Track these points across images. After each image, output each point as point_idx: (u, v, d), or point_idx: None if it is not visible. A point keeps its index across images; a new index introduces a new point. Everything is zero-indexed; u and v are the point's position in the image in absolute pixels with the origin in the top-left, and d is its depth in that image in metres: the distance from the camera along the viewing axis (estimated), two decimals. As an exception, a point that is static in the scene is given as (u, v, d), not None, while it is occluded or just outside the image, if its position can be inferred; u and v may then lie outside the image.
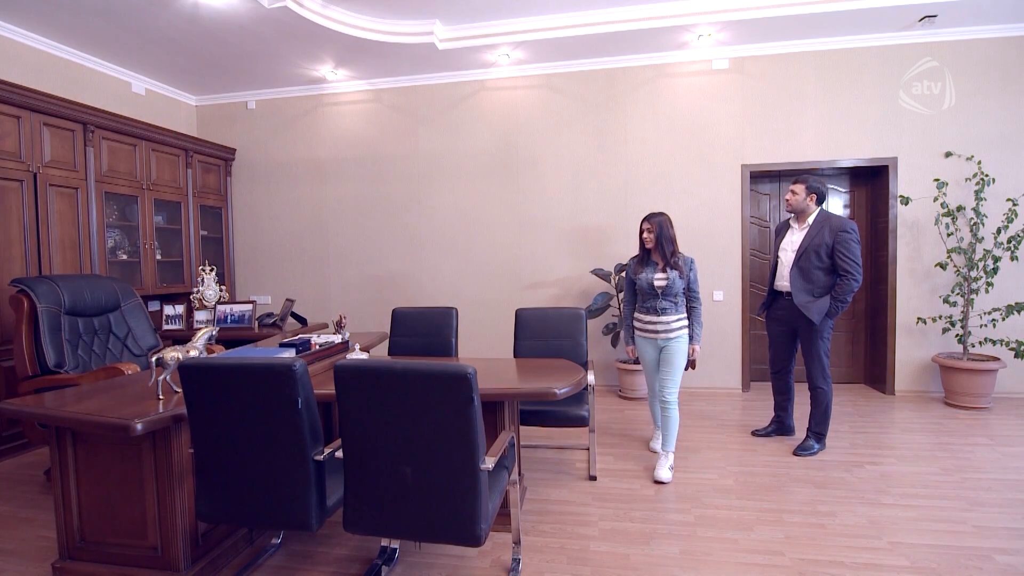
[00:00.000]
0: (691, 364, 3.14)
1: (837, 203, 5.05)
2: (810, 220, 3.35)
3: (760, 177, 5.02)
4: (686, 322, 3.10)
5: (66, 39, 4.26)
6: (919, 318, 4.54)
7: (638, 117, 4.95)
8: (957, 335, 4.37)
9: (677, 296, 3.04)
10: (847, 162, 4.68)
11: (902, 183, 4.58)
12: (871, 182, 4.92)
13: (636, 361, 4.50)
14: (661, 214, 3.07)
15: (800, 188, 3.35)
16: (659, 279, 3.03)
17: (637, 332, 3.22)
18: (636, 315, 3.21)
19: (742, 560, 2.23)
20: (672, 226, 3.07)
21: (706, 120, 4.85)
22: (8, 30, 3.98)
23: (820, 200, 3.35)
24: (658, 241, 3.04)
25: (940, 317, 4.47)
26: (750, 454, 3.40)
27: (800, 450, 3.38)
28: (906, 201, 4.44)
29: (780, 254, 3.47)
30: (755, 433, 3.73)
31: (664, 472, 3.01)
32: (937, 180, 4.39)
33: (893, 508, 2.65)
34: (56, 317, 3.13)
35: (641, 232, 3.12)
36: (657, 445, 3.39)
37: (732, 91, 4.80)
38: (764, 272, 5.18)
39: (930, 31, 4.42)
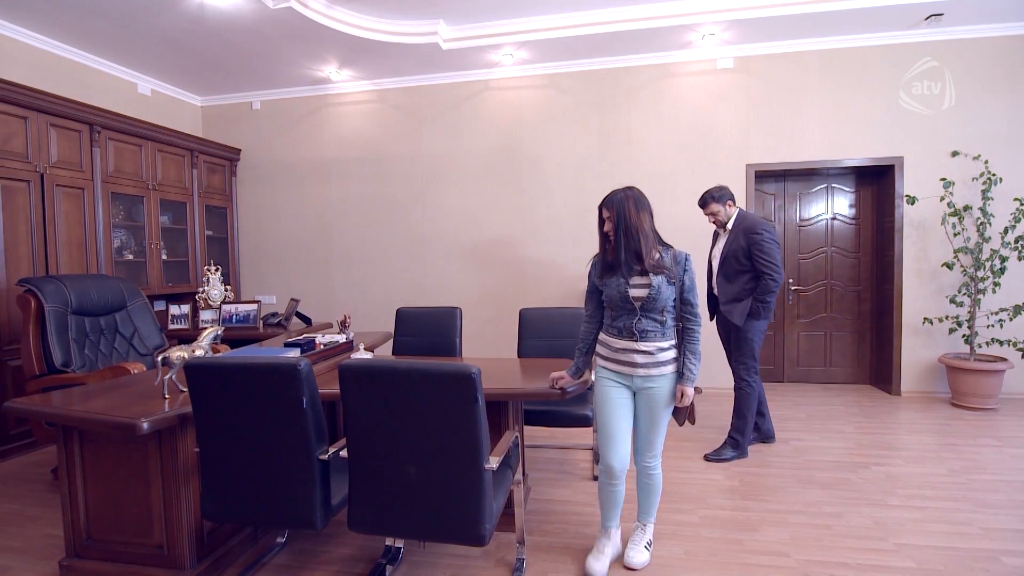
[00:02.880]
0: (689, 416, 2.15)
1: (843, 202, 5.03)
2: (729, 226, 3.36)
3: (765, 177, 5.01)
4: (675, 351, 2.09)
5: (72, 40, 4.29)
6: (925, 318, 4.52)
7: (642, 117, 4.94)
8: (964, 335, 4.34)
9: (664, 312, 2.04)
10: (853, 161, 4.66)
11: (908, 182, 4.55)
12: (877, 182, 4.90)
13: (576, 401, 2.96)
14: (626, 191, 2.07)
15: (715, 206, 3.33)
16: (637, 288, 2.02)
17: (602, 366, 2.17)
18: (602, 339, 2.18)
19: (747, 561, 2.22)
20: (645, 207, 2.06)
21: (710, 120, 4.83)
22: (15, 31, 4.01)
23: (733, 199, 3.36)
24: (621, 233, 2.03)
25: (947, 317, 4.44)
26: (755, 455, 3.39)
27: (713, 455, 3.31)
28: (912, 201, 4.42)
29: (711, 262, 3.52)
30: None
31: (639, 554, 2.19)
32: (944, 179, 4.36)
33: (899, 509, 2.64)
34: (63, 317, 3.15)
35: (601, 223, 2.14)
36: (602, 564, 2.14)
37: (736, 91, 4.78)
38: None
39: (936, 30, 4.40)
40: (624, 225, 2.02)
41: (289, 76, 5.22)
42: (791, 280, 5.13)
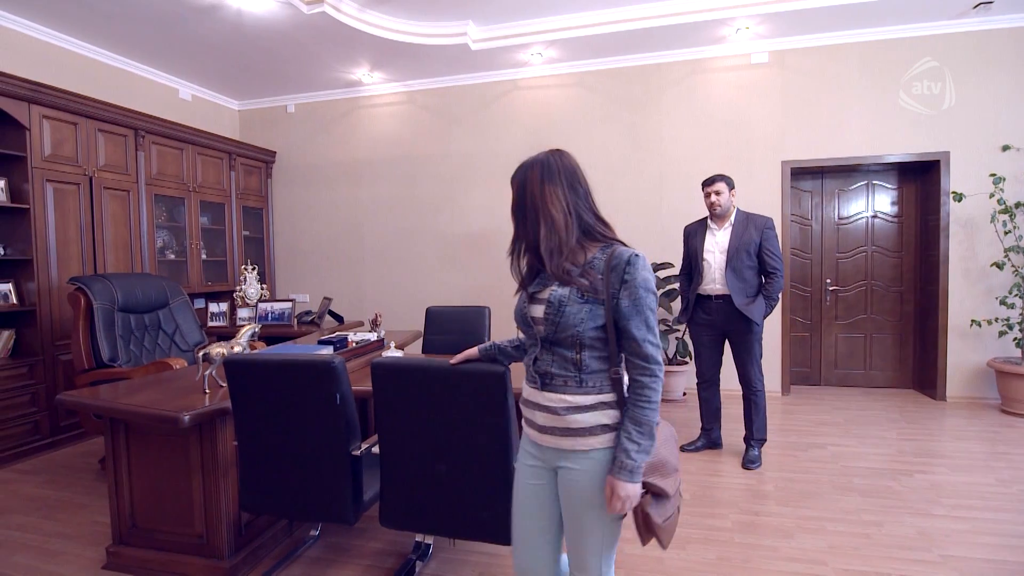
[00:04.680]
0: (646, 530, 1.30)
1: (884, 200, 4.85)
2: (731, 219, 3.22)
3: (801, 174, 4.87)
4: (610, 414, 1.25)
5: (119, 48, 4.47)
6: (973, 320, 4.32)
7: (673, 114, 4.87)
8: (1015, 339, 4.13)
9: (581, 347, 1.26)
10: (895, 157, 4.48)
11: (955, 178, 4.36)
12: (921, 178, 4.71)
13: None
14: (537, 157, 1.31)
15: (723, 186, 3.18)
16: (537, 303, 1.32)
17: (524, 424, 1.41)
18: (525, 385, 1.40)
19: (781, 568, 2.17)
20: (561, 178, 1.28)
21: (744, 116, 4.73)
22: (67, 41, 4.20)
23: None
24: (520, 219, 1.32)
25: (996, 319, 4.24)
26: (790, 459, 3.30)
27: (749, 462, 3.18)
28: (959, 198, 4.23)
29: (707, 256, 3.25)
30: (683, 449, 3.42)
31: None
32: (993, 175, 4.16)
33: (944, 519, 2.53)
34: (110, 314, 3.28)
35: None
36: None
37: (772, 85, 4.66)
38: (805, 272, 5.02)
39: (985, 18, 4.20)
40: (523, 206, 1.29)
41: (322, 79, 5.33)
42: (828, 280, 4.97)
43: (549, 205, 1.26)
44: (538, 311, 1.30)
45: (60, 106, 3.74)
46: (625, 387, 1.26)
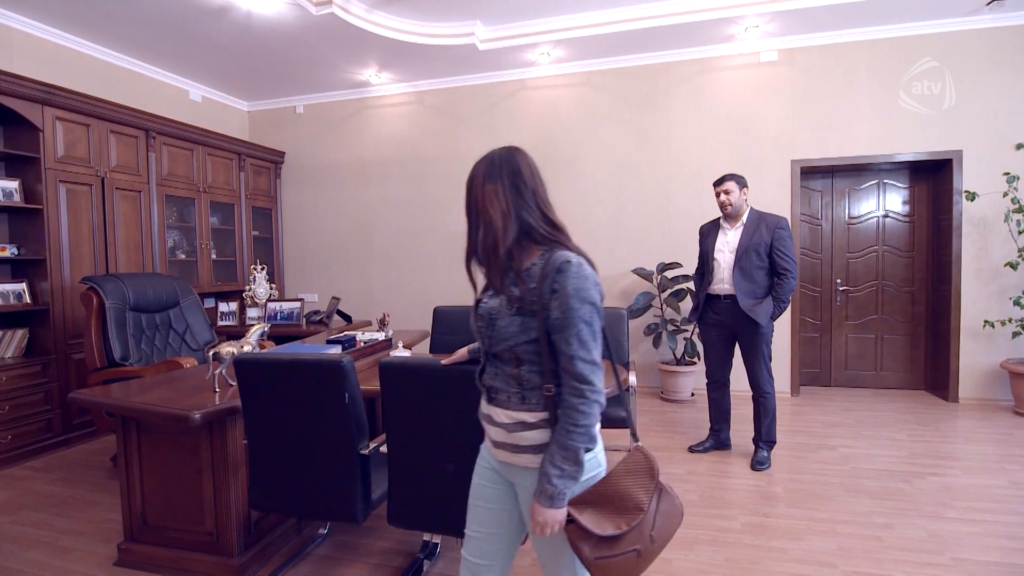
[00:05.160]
0: (578, 555, 1.16)
1: (896, 199, 4.81)
2: (744, 218, 3.18)
3: (811, 173, 4.83)
4: (551, 432, 1.17)
5: (130, 50, 4.52)
6: (986, 321, 4.27)
7: (681, 113, 4.85)
8: (1029, 340, 4.08)
9: (519, 360, 1.19)
10: (906, 156, 4.44)
11: (967, 177, 4.31)
12: (933, 177, 4.66)
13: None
14: (487, 155, 1.26)
15: (733, 185, 3.15)
16: (481, 313, 1.26)
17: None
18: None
19: (791, 570, 2.15)
20: (502, 176, 1.20)
21: (753, 114, 4.70)
22: (80, 44, 4.25)
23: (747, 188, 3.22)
24: (469, 219, 1.25)
25: (1010, 320, 4.18)
26: (799, 460, 3.27)
27: (758, 464, 3.15)
28: (972, 197, 4.18)
29: (717, 255, 3.23)
30: (692, 449, 3.44)
31: None
32: (1007, 174, 4.11)
33: (957, 522, 2.50)
34: (122, 313, 3.32)
35: None
36: None
37: (781, 84, 4.63)
38: (816, 272, 4.98)
39: (998, 16, 4.15)
40: (468, 206, 1.24)
41: (331, 80, 5.36)
42: (839, 280, 4.93)
43: (488, 205, 1.18)
44: (484, 318, 1.23)
45: (73, 108, 3.78)
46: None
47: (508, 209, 1.17)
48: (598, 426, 1.17)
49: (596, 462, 1.23)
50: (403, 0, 4.05)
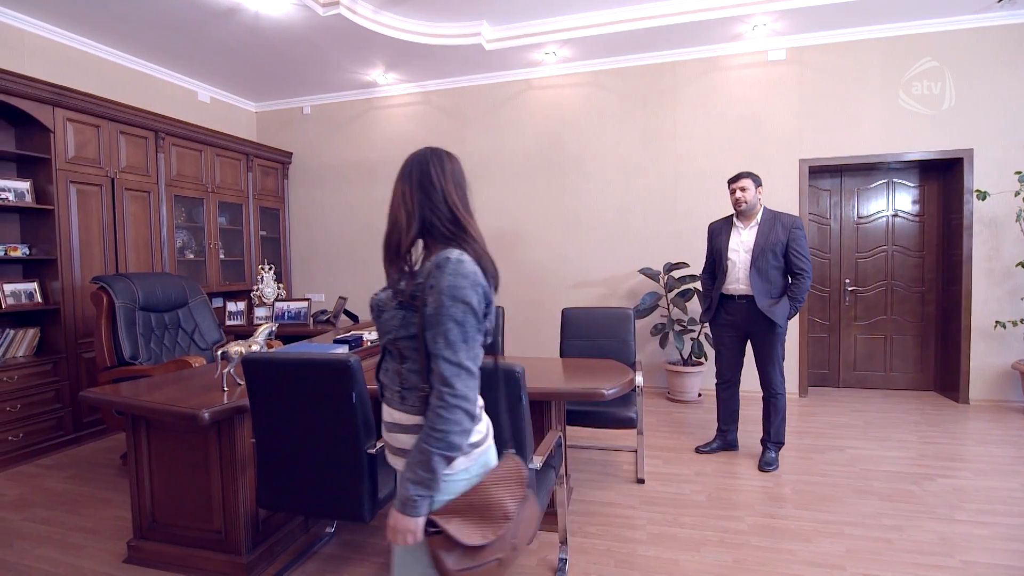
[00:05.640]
0: (438, 568, 1.10)
1: (905, 198, 4.76)
2: (758, 217, 3.15)
3: (820, 172, 4.80)
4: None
5: (139, 52, 4.55)
6: (997, 322, 4.22)
7: (688, 113, 4.83)
8: (1041, 340, 4.03)
9: (402, 359, 1.20)
10: (916, 155, 4.40)
11: (978, 176, 4.26)
12: (943, 176, 4.61)
13: None
14: (413, 155, 1.30)
15: (749, 183, 3.12)
16: (371, 305, 1.32)
17: None
18: None
19: (799, 572, 2.14)
20: (413, 178, 1.25)
21: (761, 114, 4.67)
22: (90, 46, 4.29)
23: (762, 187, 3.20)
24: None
25: (1021, 321, 4.13)
26: (808, 462, 3.25)
27: (766, 465, 3.13)
28: (983, 196, 4.13)
29: (731, 255, 3.18)
30: (699, 450, 3.42)
31: None
32: (1019, 173, 4.06)
33: (967, 525, 2.48)
34: (131, 312, 3.35)
35: None
36: None
37: (789, 83, 4.60)
38: (824, 272, 4.95)
39: (1010, 14, 4.10)
40: (401, 199, 1.24)
41: (338, 81, 5.38)
42: (848, 280, 4.90)
43: (395, 203, 1.23)
44: (384, 310, 1.23)
45: (83, 109, 3.82)
46: None
47: (413, 208, 1.21)
48: (470, 437, 1.12)
49: (484, 461, 1.19)
50: (410, 1, 4.06)
